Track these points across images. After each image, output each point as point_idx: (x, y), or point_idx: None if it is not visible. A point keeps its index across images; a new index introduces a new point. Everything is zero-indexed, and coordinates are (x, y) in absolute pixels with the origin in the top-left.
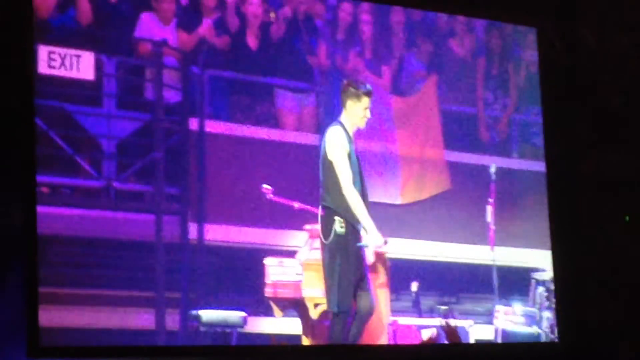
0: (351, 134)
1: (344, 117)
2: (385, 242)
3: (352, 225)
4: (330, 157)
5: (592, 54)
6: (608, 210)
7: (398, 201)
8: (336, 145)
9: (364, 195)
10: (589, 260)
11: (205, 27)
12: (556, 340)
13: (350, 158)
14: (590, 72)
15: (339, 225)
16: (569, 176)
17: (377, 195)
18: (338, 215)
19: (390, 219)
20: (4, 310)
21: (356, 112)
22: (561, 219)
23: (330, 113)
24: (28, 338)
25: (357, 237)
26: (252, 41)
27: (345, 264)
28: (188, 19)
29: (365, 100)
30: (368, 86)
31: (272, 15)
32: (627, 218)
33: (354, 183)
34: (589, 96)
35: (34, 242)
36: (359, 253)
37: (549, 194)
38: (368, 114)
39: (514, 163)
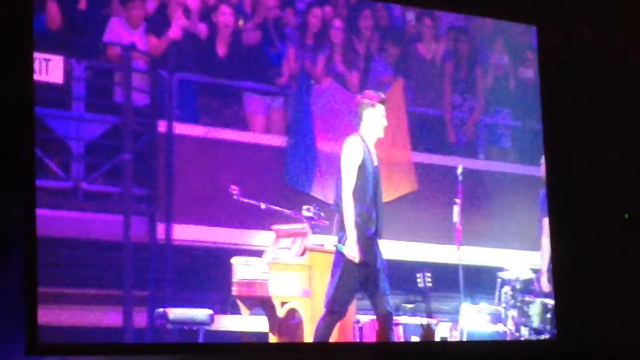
0: (371, 144)
1: (362, 129)
2: (360, 260)
3: (364, 235)
4: (342, 163)
5: (591, 52)
6: (607, 208)
7: None
8: (347, 154)
9: (377, 203)
10: (588, 258)
11: (174, 33)
12: (521, 338)
13: (363, 167)
14: (590, 70)
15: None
16: (567, 174)
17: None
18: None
19: None
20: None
21: (374, 122)
22: (560, 217)
23: (298, 115)
24: (26, 336)
25: (368, 244)
26: (221, 49)
27: (350, 268)
28: (157, 24)
29: (381, 108)
30: (381, 94)
31: (241, 23)
32: (627, 216)
33: (367, 191)
34: (588, 94)
35: (33, 242)
36: (370, 258)
37: (548, 192)
38: (385, 121)
39: (481, 164)
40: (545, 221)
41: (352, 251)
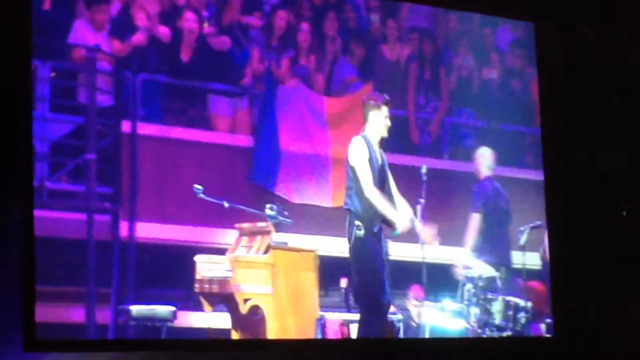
0: (376, 144)
1: (367, 129)
2: (412, 219)
3: (371, 229)
4: (352, 163)
5: (590, 50)
6: (605, 205)
7: (329, 204)
8: (356, 152)
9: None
10: (586, 255)
11: (138, 38)
12: (483, 335)
13: (371, 165)
14: (588, 68)
15: (358, 229)
16: (566, 172)
17: (308, 197)
18: (358, 219)
19: (321, 216)
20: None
21: (378, 122)
22: (558, 214)
23: (263, 115)
24: (24, 333)
25: (375, 240)
26: (185, 54)
27: (364, 266)
28: (121, 28)
29: (385, 109)
30: (386, 96)
31: (206, 25)
32: (625, 213)
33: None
34: (586, 92)
35: (31, 241)
36: (378, 255)
37: (546, 189)
38: (389, 122)
39: (445, 164)
40: (473, 217)
41: (405, 223)
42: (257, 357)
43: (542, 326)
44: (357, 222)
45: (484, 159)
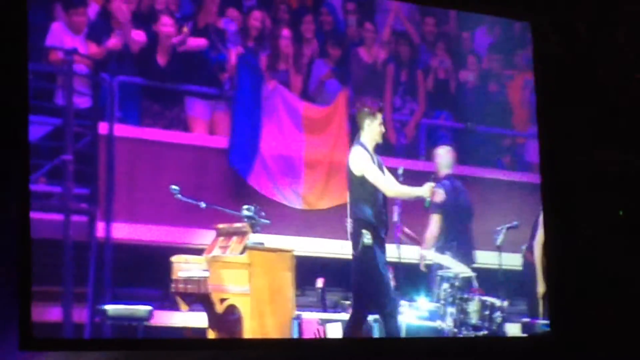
0: (371, 149)
1: (363, 136)
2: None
3: (379, 235)
4: (358, 172)
5: (588, 48)
6: (602, 204)
7: (299, 207)
8: (361, 160)
9: (386, 206)
10: (583, 254)
11: (115, 42)
12: (460, 334)
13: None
14: (586, 67)
15: (366, 237)
16: (563, 171)
17: (281, 196)
18: (366, 227)
19: (297, 217)
20: None
21: (373, 129)
22: (556, 214)
23: (241, 117)
24: (20, 331)
25: (381, 246)
26: (162, 59)
27: (368, 273)
28: (98, 31)
29: (379, 116)
30: (380, 103)
31: (185, 30)
32: (621, 212)
33: (377, 196)
34: (584, 91)
35: (28, 242)
36: (383, 261)
37: (543, 189)
38: (383, 128)
39: (422, 165)
40: (432, 217)
41: (427, 190)
42: (234, 357)
43: (519, 326)
44: (364, 231)
45: (442, 158)
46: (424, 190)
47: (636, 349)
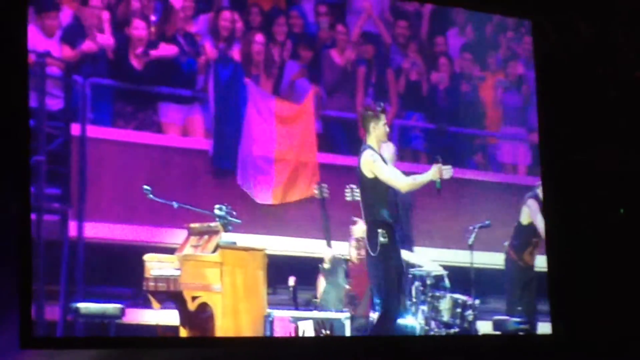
0: (379, 150)
1: (369, 139)
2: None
3: (393, 234)
4: (370, 174)
5: (588, 47)
6: (603, 202)
7: (269, 201)
8: (371, 162)
9: (397, 204)
10: (584, 252)
11: (88, 46)
12: (431, 332)
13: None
14: (586, 64)
15: (381, 236)
16: (563, 167)
17: (252, 193)
18: (382, 227)
19: (269, 216)
20: None
21: (378, 130)
22: (556, 211)
23: (221, 117)
24: (21, 330)
25: (396, 245)
26: (136, 61)
27: (389, 271)
28: (71, 34)
29: (383, 117)
30: (382, 104)
31: (153, 29)
32: (622, 210)
33: (388, 195)
34: (583, 89)
35: (28, 242)
36: (400, 259)
37: (543, 187)
38: (387, 128)
39: (395, 166)
40: None
41: (436, 173)
42: (207, 354)
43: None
44: (380, 230)
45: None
46: (433, 173)
47: (636, 349)
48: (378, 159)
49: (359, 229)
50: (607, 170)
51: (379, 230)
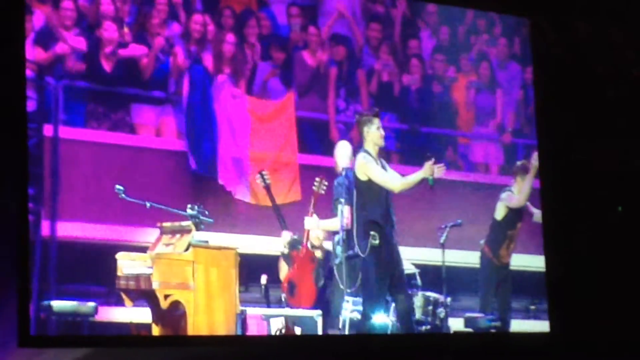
0: (375, 154)
1: (366, 143)
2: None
3: (385, 235)
4: (364, 177)
5: (586, 45)
6: (601, 200)
7: (247, 200)
8: (366, 166)
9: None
10: (582, 250)
11: (61, 48)
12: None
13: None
14: (585, 64)
15: (373, 238)
16: (561, 167)
17: (233, 192)
18: (374, 229)
19: (243, 216)
20: None
21: (373, 134)
22: (554, 210)
23: (196, 119)
24: (19, 329)
25: (390, 248)
26: (105, 62)
27: (380, 274)
28: (44, 37)
29: (376, 121)
30: (375, 108)
31: (126, 30)
32: (620, 208)
33: (381, 197)
34: (582, 88)
35: (26, 242)
36: (392, 261)
37: (541, 185)
38: (382, 131)
39: None
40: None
41: (428, 171)
42: (179, 353)
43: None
44: (372, 232)
45: (340, 152)
46: (425, 171)
47: (634, 348)
48: (370, 161)
49: (311, 221)
50: (605, 169)
51: (372, 233)
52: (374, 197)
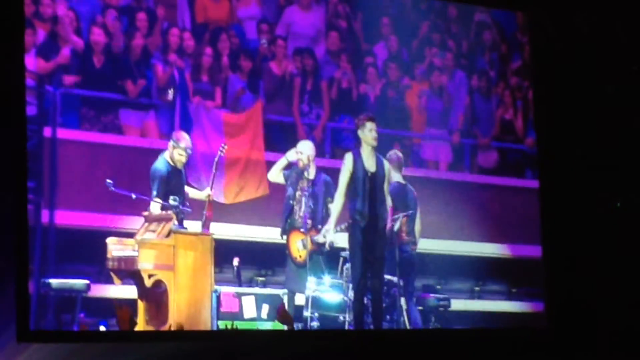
0: (367, 155)
1: (361, 146)
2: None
3: (371, 228)
4: (344, 176)
5: (585, 40)
6: (600, 195)
7: (222, 200)
8: (343, 168)
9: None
10: (580, 245)
11: (62, 58)
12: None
13: (354, 177)
14: (583, 59)
15: (357, 231)
16: (560, 162)
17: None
18: (359, 222)
19: (219, 205)
20: None
21: (367, 136)
22: (553, 205)
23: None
24: (18, 324)
25: (376, 238)
26: (96, 60)
27: (359, 257)
28: (46, 50)
29: (370, 124)
30: (368, 113)
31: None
32: (619, 204)
33: (358, 194)
34: (581, 84)
35: (25, 237)
36: (375, 245)
37: (540, 180)
38: (375, 134)
39: (328, 163)
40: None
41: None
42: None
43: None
44: (358, 223)
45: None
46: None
47: (632, 343)
48: (346, 169)
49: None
50: (604, 165)
51: (357, 224)
52: (359, 192)
